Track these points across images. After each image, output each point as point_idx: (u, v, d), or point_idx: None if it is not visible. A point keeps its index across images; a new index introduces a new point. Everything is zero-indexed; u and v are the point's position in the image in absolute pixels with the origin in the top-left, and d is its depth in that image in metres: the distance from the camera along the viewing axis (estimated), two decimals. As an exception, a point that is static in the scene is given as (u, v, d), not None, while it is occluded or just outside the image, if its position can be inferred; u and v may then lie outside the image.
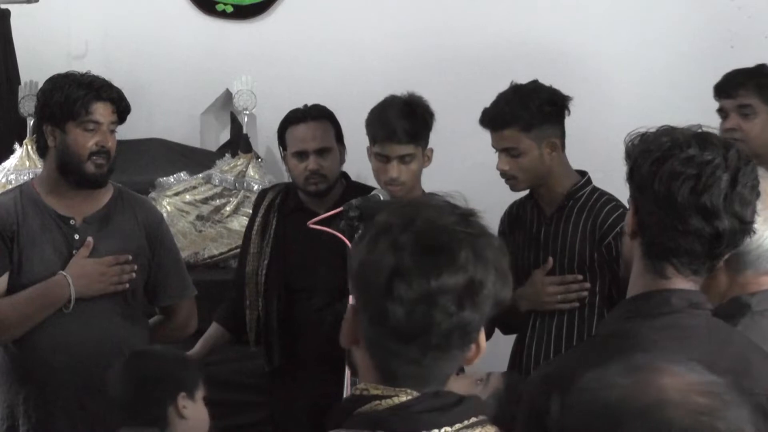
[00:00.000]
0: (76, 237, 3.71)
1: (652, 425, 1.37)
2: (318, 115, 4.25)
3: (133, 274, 3.73)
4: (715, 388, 1.41)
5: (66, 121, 3.66)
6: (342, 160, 4.30)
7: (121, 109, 3.74)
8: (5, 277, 3.68)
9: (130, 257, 3.74)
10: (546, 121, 3.72)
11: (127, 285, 3.73)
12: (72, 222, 3.72)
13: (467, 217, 1.80)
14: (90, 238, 3.70)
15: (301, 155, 4.20)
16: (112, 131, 3.73)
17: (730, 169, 2.11)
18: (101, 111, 3.69)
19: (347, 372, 3.37)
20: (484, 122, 3.75)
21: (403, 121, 3.83)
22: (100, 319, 3.69)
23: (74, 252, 3.70)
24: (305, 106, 4.30)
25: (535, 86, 3.77)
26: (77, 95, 3.65)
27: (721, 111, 3.93)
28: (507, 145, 3.71)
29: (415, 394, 1.76)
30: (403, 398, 1.76)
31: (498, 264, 1.78)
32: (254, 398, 4.66)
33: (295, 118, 4.27)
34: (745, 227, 2.14)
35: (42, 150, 3.77)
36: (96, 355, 3.59)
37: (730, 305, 2.46)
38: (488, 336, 3.97)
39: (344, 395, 3.37)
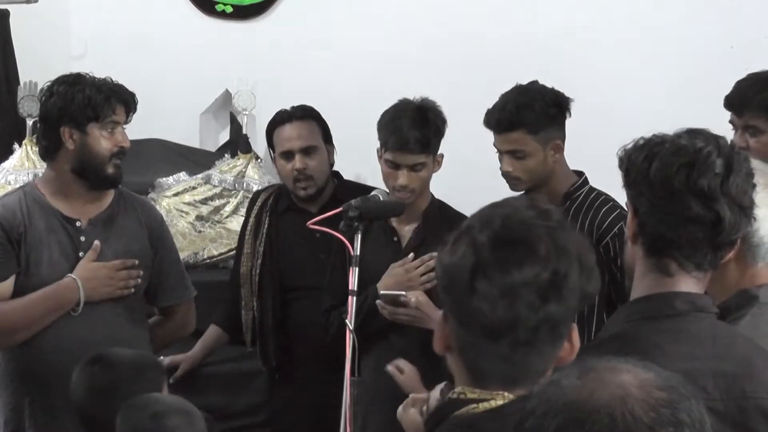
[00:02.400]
0: (82, 239, 3.71)
1: (615, 419, 1.37)
2: (303, 115, 4.26)
3: (140, 280, 3.74)
4: (672, 383, 1.41)
5: (88, 122, 3.67)
6: (331, 161, 4.30)
7: (132, 110, 3.77)
8: (12, 279, 3.67)
9: (137, 261, 3.74)
10: (552, 124, 3.72)
11: (133, 289, 3.73)
12: (78, 224, 3.72)
13: (546, 211, 1.81)
14: (97, 242, 3.70)
15: (288, 155, 4.22)
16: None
17: (723, 155, 2.12)
18: (119, 112, 3.72)
19: (347, 372, 3.37)
20: (489, 124, 3.74)
21: (416, 131, 3.81)
22: (106, 322, 3.70)
23: (81, 254, 3.70)
24: (292, 107, 4.30)
25: (539, 88, 3.76)
26: (100, 97, 3.67)
27: (732, 124, 3.90)
28: (513, 147, 3.71)
29: (510, 397, 1.78)
30: (500, 401, 1.78)
31: (582, 256, 1.78)
32: (254, 399, 4.66)
33: (280, 119, 4.28)
34: (745, 213, 2.14)
35: (50, 152, 3.74)
36: None
37: (737, 298, 2.48)
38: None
39: (344, 395, 3.37)
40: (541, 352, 1.78)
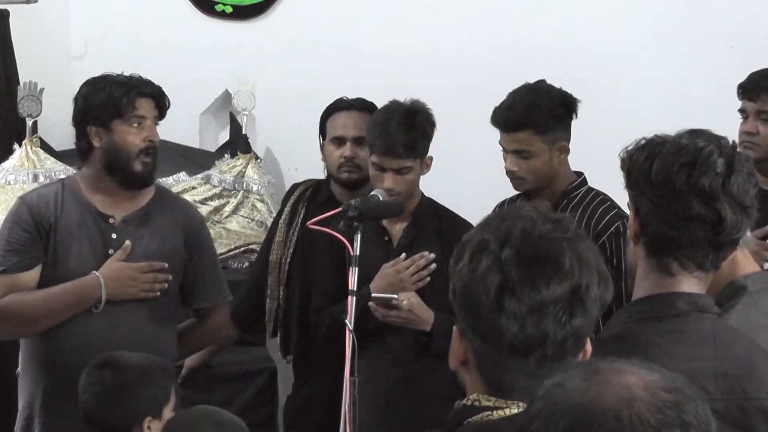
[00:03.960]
0: (114, 236, 3.71)
1: (622, 421, 1.37)
2: (362, 106, 4.25)
3: (166, 285, 3.71)
4: (677, 384, 1.41)
5: (112, 119, 3.68)
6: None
7: (162, 104, 3.76)
8: (38, 269, 3.68)
9: (166, 265, 3.71)
10: (559, 125, 3.71)
11: (158, 293, 3.71)
12: (111, 221, 3.72)
13: (561, 222, 1.81)
14: (128, 242, 3.69)
15: (339, 141, 4.20)
16: (156, 126, 3.77)
17: (724, 155, 2.13)
18: (145, 106, 3.72)
19: (347, 372, 3.37)
20: (496, 122, 3.73)
21: (402, 136, 3.79)
22: (127, 321, 3.69)
23: (110, 251, 3.69)
24: (354, 98, 4.29)
25: (548, 88, 3.75)
26: (121, 92, 3.68)
27: (743, 111, 3.92)
28: (520, 147, 3.70)
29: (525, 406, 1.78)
30: (515, 410, 1.78)
31: (599, 266, 1.80)
32: (256, 398, 4.66)
33: (339, 105, 4.27)
34: (746, 213, 2.14)
35: (84, 153, 3.76)
36: None
37: (726, 290, 2.51)
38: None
39: (343, 397, 3.37)
40: (566, 366, 1.76)
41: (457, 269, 1.81)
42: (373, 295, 3.71)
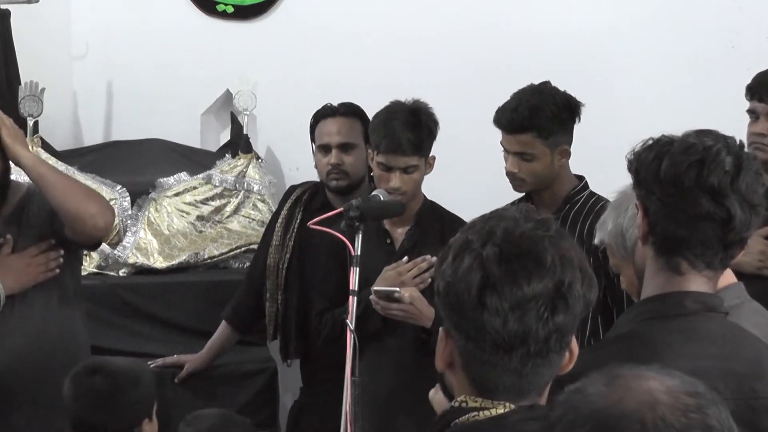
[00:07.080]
0: (0, 240, 3.69)
1: (646, 425, 1.37)
2: (347, 111, 4.26)
3: (61, 259, 3.68)
4: (698, 389, 1.42)
5: None
6: (369, 161, 4.30)
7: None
8: None
9: (53, 241, 3.67)
10: (562, 129, 3.71)
11: (57, 270, 3.68)
12: None
13: (543, 221, 1.82)
14: (9, 235, 3.66)
15: (325, 149, 4.22)
16: None
17: (732, 154, 2.13)
18: None
19: (347, 372, 3.37)
20: (499, 123, 3.72)
21: (408, 133, 3.79)
22: (36, 310, 3.67)
23: None
24: (339, 103, 4.30)
25: (552, 91, 3.74)
26: None
27: (752, 112, 3.88)
28: (521, 149, 3.70)
29: (512, 407, 1.79)
30: (501, 410, 1.79)
31: (582, 265, 1.80)
32: (256, 399, 4.66)
33: (324, 112, 4.29)
34: (755, 211, 2.15)
35: None
36: (40, 346, 3.59)
37: None
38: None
39: (345, 397, 3.37)
40: (550, 363, 1.80)
41: (441, 270, 1.83)
42: (374, 288, 3.71)
